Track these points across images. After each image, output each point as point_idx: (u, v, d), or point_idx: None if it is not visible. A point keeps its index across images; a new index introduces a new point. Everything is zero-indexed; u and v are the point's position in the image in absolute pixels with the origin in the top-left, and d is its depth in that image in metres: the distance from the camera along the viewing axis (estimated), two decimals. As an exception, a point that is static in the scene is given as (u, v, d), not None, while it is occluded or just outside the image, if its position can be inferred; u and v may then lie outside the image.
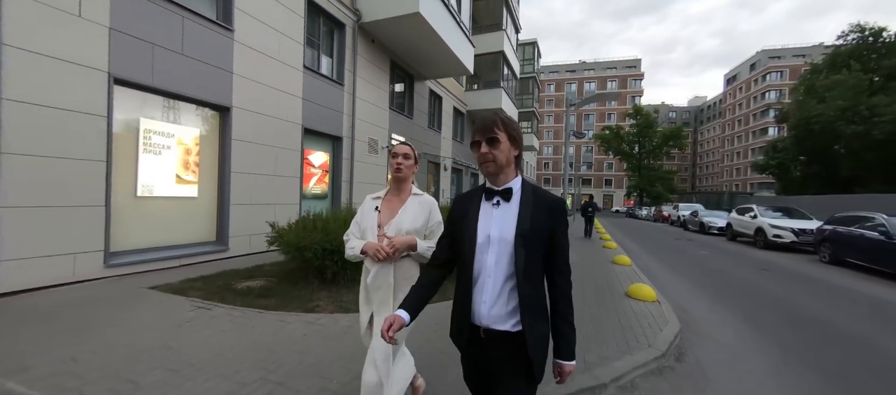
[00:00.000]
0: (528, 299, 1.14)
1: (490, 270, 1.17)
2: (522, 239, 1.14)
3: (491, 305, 1.16)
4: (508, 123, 1.21)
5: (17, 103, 3.67)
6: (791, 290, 5.89)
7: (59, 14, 3.94)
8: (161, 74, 4.92)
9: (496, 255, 1.16)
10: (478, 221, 1.21)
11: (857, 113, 14.20)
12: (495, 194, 1.22)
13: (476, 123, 1.25)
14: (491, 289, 1.16)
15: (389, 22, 8.81)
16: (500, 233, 1.17)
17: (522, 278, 1.14)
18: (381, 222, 1.74)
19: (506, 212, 1.19)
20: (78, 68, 4.11)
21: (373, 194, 1.87)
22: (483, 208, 1.23)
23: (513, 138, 1.20)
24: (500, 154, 1.17)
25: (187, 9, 5.25)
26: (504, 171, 1.20)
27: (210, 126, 5.83)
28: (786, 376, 2.86)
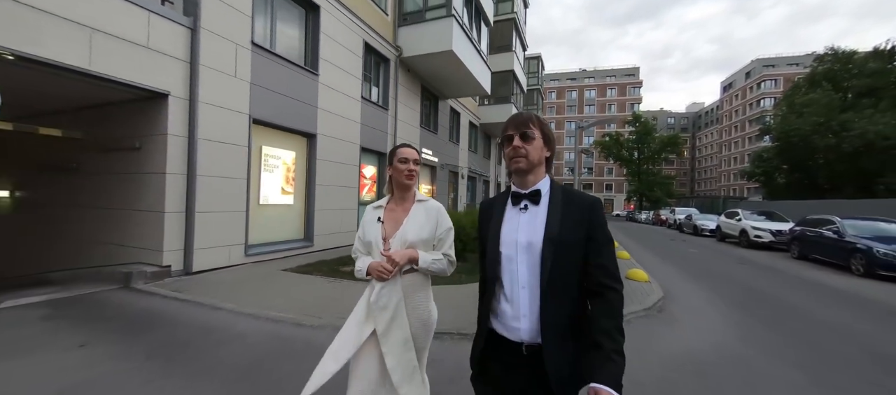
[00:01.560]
0: (552, 312, 1.04)
1: (524, 279, 1.08)
2: (551, 245, 1.05)
3: (531, 318, 1.07)
4: (543, 122, 1.17)
5: (204, 141, 5.33)
6: (757, 276, 7.50)
7: (225, 76, 5.62)
8: (276, 112, 6.59)
9: (528, 263, 1.08)
10: (501, 227, 1.15)
11: (829, 128, 15.98)
12: (522, 198, 1.14)
13: (508, 121, 1.17)
14: (528, 301, 1.07)
15: (425, 56, 10.51)
16: (528, 239, 1.09)
17: (546, 287, 1.04)
18: (385, 234, 1.60)
19: (534, 216, 1.11)
20: (233, 113, 5.78)
21: (374, 204, 1.72)
22: (509, 214, 1.16)
23: (547, 138, 1.15)
24: (533, 151, 1.12)
25: (290, 61, 6.93)
26: (534, 170, 1.13)
27: (302, 149, 7.49)
28: (730, 320, 4.46)
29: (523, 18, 22.50)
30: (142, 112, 5.14)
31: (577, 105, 71.31)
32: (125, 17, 4.48)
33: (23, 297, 4.06)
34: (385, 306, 1.52)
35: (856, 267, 7.97)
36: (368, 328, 1.54)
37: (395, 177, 1.62)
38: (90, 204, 5.85)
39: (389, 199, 1.70)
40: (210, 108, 5.38)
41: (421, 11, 10.53)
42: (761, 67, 61.88)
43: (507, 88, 18.93)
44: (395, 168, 1.62)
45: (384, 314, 1.52)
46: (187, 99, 5.14)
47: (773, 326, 4.29)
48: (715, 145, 73.13)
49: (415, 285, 1.58)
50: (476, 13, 12.41)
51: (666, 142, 44.35)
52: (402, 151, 1.63)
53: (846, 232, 8.64)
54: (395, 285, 1.53)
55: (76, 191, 6.04)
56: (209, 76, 5.37)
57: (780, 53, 63.84)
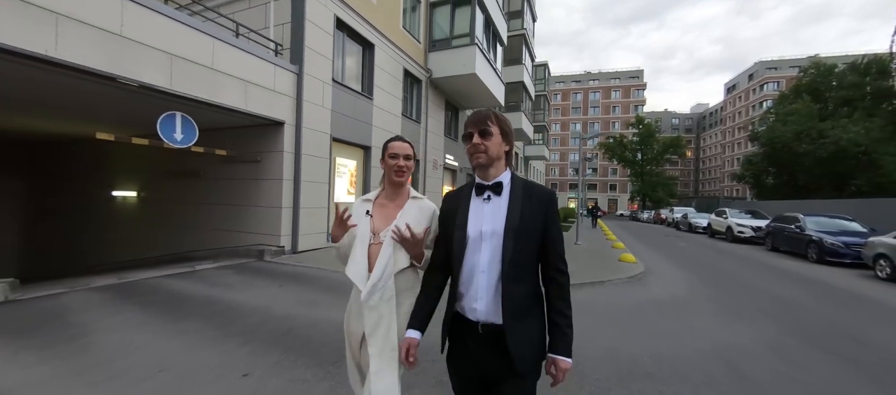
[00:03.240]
0: (514, 294, 1.13)
1: (484, 265, 1.16)
2: (513, 233, 1.13)
3: (487, 300, 1.14)
4: (501, 118, 1.23)
5: (306, 155, 7.25)
6: (727, 261, 9.27)
7: (317, 107, 7.54)
8: (345, 130, 8.49)
9: (490, 251, 1.16)
10: (468, 216, 1.21)
11: (808, 135, 17.65)
12: (486, 189, 1.21)
13: (468, 119, 1.23)
14: (486, 285, 1.15)
15: (451, 78, 12.38)
16: (491, 228, 1.16)
17: (508, 269, 1.12)
18: (375, 228, 1.43)
19: (497, 206, 1.18)
20: (321, 134, 7.70)
21: (363, 197, 1.56)
22: (473, 204, 1.22)
23: (504, 133, 1.22)
24: (492, 146, 1.18)
25: (354, 90, 8.84)
26: (494, 164, 1.21)
27: (360, 159, 9.40)
28: (688, 285, 6.27)
29: (532, 31, 24.28)
30: (263, 135, 7.07)
31: (581, 107, 72.80)
32: (263, 72, 6.42)
33: (204, 264, 5.99)
34: (375, 306, 1.35)
35: (810, 255, 9.73)
36: (356, 334, 1.42)
37: (390, 173, 1.47)
38: (216, 202, 7.79)
39: (379, 193, 1.55)
40: (309, 131, 7.30)
41: (448, 39, 12.40)
42: (764, 70, 62.98)
43: (517, 96, 20.78)
44: (386, 163, 1.48)
45: (373, 314, 1.35)
46: (295, 125, 7.07)
47: (717, 287, 6.12)
48: (718, 146, 74.25)
49: (407, 282, 1.42)
50: (493, 36, 14.25)
51: (668, 144, 45.80)
52: (392, 146, 1.48)
53: (806, 226, 10.37)
54: (389, 282, 1.37)
55: (202, 192, 7.98)
56: (308, 108, 7.29)
57: (782, 56, 64.79)
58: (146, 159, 8.68)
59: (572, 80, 77.61)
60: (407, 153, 1.48)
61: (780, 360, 3.16)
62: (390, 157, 1.47)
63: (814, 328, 4.10)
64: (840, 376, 2.92)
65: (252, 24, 7.26)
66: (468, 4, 12.08)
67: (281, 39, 7.33)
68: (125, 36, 4.54)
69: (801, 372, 2.94)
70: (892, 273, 7.32)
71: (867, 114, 17.65)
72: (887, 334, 3.99)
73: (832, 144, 16.59)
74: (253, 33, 6.98)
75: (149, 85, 4.81)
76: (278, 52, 7.18)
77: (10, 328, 3.18)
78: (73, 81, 4.53)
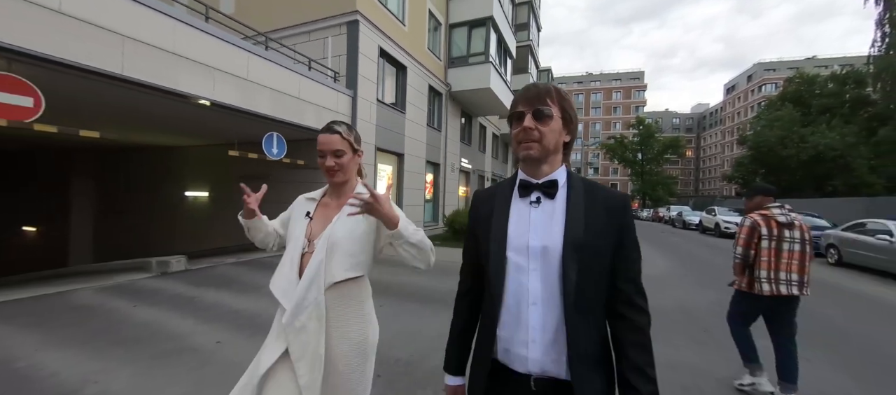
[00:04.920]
0: (580, 336, 0.82)
1: (536, 294, 0.84)
2: (575, 251, 0.82)
3: (545, 344, 0.83)
4: (564, 96, 0.89)
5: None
6: (711, 252, 10.86)
7: (367, 123, 9.18)
8: (385, 141, 10.12)
9: (542, 273, 0.84)
10: (508, 225, 0.89)
11: (790, 140, 19.23)
12: (534, 189, 0.89)
13: (520, 93, 0.91)
14: (541, 321, 0.84)
15: (468, 91, 13.98)
16: (542, 242, 0.85)
17: (572, 304, 0.81)
18: (310, 235, 1.22)
19: (549, 214, 0.87)
20: (369, 145, 9.33)
21: (307, 195, 1.37)
22: (516, 208, 0.91)
23: (568, 118, 0.90)
24: (550, 134, 0.86)
25: (391, 106, 10.48)
26: (549, 159, 0.89)
27: (395, 165, 11.04)
28: (667, 266, 7.87)
29: (537, 41, 25.82)
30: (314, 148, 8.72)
31: (583, 108, 74.19)
32: (330, 97, 8.06)
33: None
34: (302, 327, 1.11)
35: (780, 246, 11.31)
36: (273, 354, 1.13)
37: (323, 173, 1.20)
38: (277, 200, 9.42)
39: (326, 190, 1.34)
40: (364, 144, 8.93)
41: (465, 57, 14.01)
42: (762, 71, 64.21)
43: (524, 103, 22.36)
44: (319, 163, 1.22)
45: (300, 337, 1.11)
46: (350, 139, 8.72)
47: (692, 269, 7.74)
48: (718, 146, 75.50)
49: (345, 298, 1.17)
50: (504, 52, 15.84)
51: (668, 144, 47.23)
52: (318, 141, 1.23)
53: (779, 222, 11.95)
54: (319, 298, 1.12)
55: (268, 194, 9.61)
56: (360, 124, 8.93)
57: (781, 57, 66.04)
58: (218, 164, 10.34)
59: (574, 81, 78.98)
60: (335, 148, 1.21)
61: (720, 309, 4.78)
62: (318, 155, 1.24)
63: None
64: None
65: (311, 54, 8.89)
66: (483, 26, 13.68)
67: (337, 68, 8.96)
68: (251, 80, 6.20)
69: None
70: (839, 259, 8.92)
71: (845, 121, 19.25)
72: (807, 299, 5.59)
73: (812, 148, 18.21)
74: (317, 64, 8.61)
75: (265, 115, 6.46)
76: (336, 79, 8.81)
77: (211, 283, 4.84)
78: (214, 114, 6.18)
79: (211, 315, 3.73)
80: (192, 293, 4.39)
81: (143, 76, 4.74)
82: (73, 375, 2.43)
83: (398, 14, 10.66)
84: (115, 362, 2.64)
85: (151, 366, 2.60)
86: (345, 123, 1.29)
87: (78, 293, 4.18)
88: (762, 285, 2.54)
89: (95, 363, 2.60)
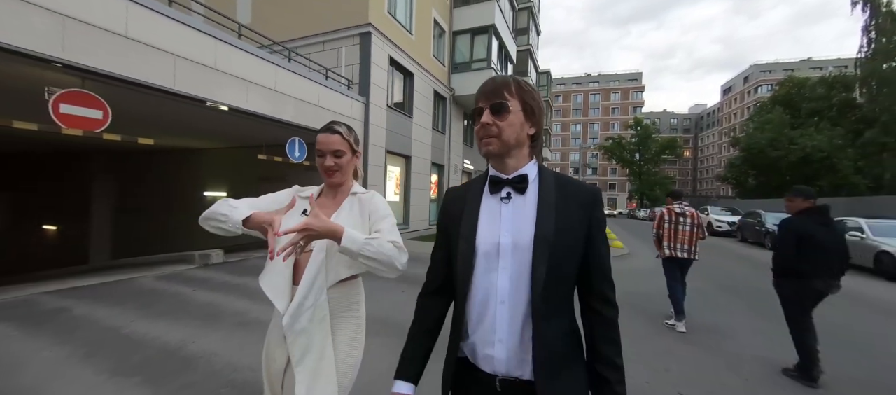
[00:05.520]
0: (548, 336, 0.81)
1: (504, 292, 0.83)
2: (545, 245, 0.80)
3: (511, 344, 0.82)
4: (524, 87, 0.87)
5: (371, 166, 9.51)
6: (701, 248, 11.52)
7: (378, 128, 9.81)
8: (394, 144, 10.75)
9: (511, 271, 0.83)
10: (478, 222, 0.88)
11: (780, 143, 20.01)
12: (504, 185, 0.88)
13: (479, 89, 0.90)
14: (508, 320, 0.82)
15: (471, 95, 14.58)
16: (513, 238, 0.83)
17: (540, 301, 0.80)
18: None
19: (520, 209, 0.86)
20: (380, 148, 9.97)
21: (302, 191, 1.30)
22: (486, 205, 0.89)
23: (529, 109, 0.86)
24: (508, 128, 0.84)
25: (399, 111, 11.11)
26: (513, 153, 0.87)
27: (403, 166, 11.67)
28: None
29: (536, 45, 26.48)
30: (340, 150, 9.36)
31: (582, 109, 74.93)
32: (345, 104, 8.69)
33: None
34: (302, 330, 1.08)
35: (766, 243, 11.98)
36: (279, 363, 1.13)
37: (321, 173, 1.21)
38: (296, 200, 10.08)
39: (322, 189, 1.30)
40: (372, 146, 9.58)
41: (468, 63, 14.65)
42: (758, 72, 64.99)
43: (524, 106, 23.02)
44: (318, 163, 1.21)
45: (300, 340, 1.09)
46: (362, 142, 9.33)
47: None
48: (715, 146, 76.32)
49: (346, 298, 1.17)
50: (505, 57, 16.48)
51: (665, 145, 48.03)
52: (318, 140, 1.20)
53: (765, 221, 12.62)
54: (321, 299, 1.11)
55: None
56: (372, 129, 9.56)
57: (777, 59, 66.87)
58: (236, 166, 10.97)
59: (573, 82, 79.70)
60: (335, 149, 1.18)
61: (697, 293, 5.44)
62: (318, 154, 1.20)
63: (734, 284, 6.38)
64: (727, 299, 5.21)
65: (325, 63, 9.51)
66: (486, 33, 14.33)
67: (350, 76, 9.59)
68: (278, 90, 6.83)
69: (704, 297, 5.23)
70: (818, 255, 9.58)
71: (832, 123, 20.04)
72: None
73: (800, 150, 19.00)
74: (333, 73, 9.24)
75: (289, 122, 7.09)
76: (350, 86, 9.45)
77: (249, 273, 5.47)
78: (244, 120, 6.80)
79: (261, 297, 4.35)
80: (237, 281, 5.01)
81: (190, 90, 5.37)
82: (173, 338, 3.06)
83: (406, 23, 11.29)
84: (200, 330, 3.27)
85: (232, 332, 3.23)
86: (345, 124, 1.26)
87: (140, 280, 4.80)
88: (665, 250, 4.11)
89: (185, 331, 3.23)
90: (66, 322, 3.36)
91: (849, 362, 3.23)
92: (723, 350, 3.38)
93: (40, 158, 13.27)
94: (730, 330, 3.99)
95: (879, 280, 7.30)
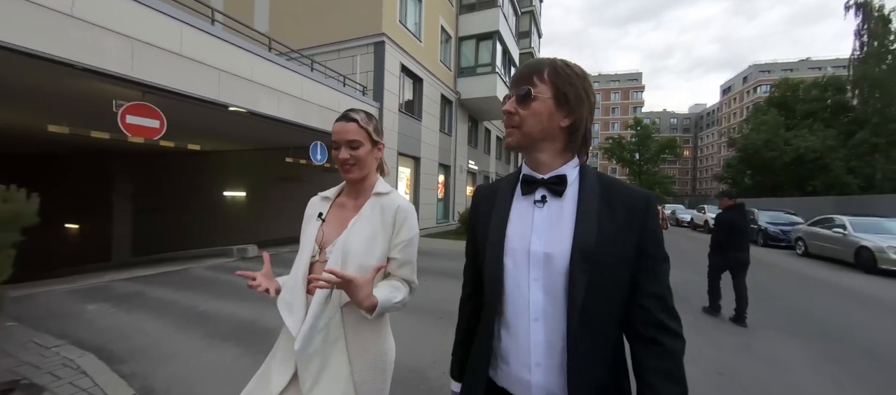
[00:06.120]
0: (586, 363, 0.71)
1: (538, 308, 0.74)
2: (585, 260, 0.70)
3: (551, 367, 0.73)
4: (561, 72, 0.75)
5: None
6: (695, 244, 12.13)
7: (391, 132, 10.41)
8: (404, 146, 11.36)
9: (544, 284, 0.73)
10: (507, 225, 0.79)
11: (775, 144, 20.66)
12: (539, 186, 0.78)
13: (516, 71, 0.81)
14: (545, 341, 0.73)
15: (476, 99, 15.23)
16: (546, 248, 0.74)
17: (578, 322, 0.70)
18: (322, 241, 1.09)
19: (556, 215, 0.75)
20: (392, 151, 10.57)
21: (322, 194, 1.21)
22: (517, 208, 0.80)
23: (563, 97, 0.75)
24: (531, 118, 0.75)
25: (409, 114, 11.71)
26: (541, 147, 0.77)
27: (412, 168, 12.28)
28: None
29: (538, 47, 27.06)
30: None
31: (582, 108, 75.46)
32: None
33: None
34: (315, 353, 0.98)
35: (758, 240, 12.59)
36: (282, 380, 1.01)
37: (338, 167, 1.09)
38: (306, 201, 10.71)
39: (342, 188, 1.20)
40: (387, 149, 10.16)
41: (473, 67, 15.25)
42: (757, 72, 65.55)
43: (526, 107, 23.64)
44: (334, 156, 1.10)
45: (313, 364, 0.98)
46: (378, 145, 9.95)
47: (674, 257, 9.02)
48: (715, 146, 76.85)
49: (363, 318, 0.99)
50: (509, 61, 17.08)
51: (664, 144, 48.56)
52: (333, 130, 1.09)
53: (758, 218, 13.22)
54: (335, 318, 1.00)
55: (301, 193, 10.85)
56: (386, 133, 10.16)
57: (776, 59, 67.42)
58: (257, 167, 11.58)
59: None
60: (350, 139, 1.05)
61: (683, 284, 6.04)
62: (333, 146, 1.09)
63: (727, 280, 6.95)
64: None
65: (340, 70, 10.10)
66: (490, 39, 14.92)
67: (364, 82, 10.19)
68: (304, 98, 7.44)
69: (688, 285, 5.84)
70: (805, 251, 10.19)
71: (826, 125, 20.68)
72: (761, 278, 6.86)
73: (793, 151, 19.64)
74: (349, 80, 9.84)
75: (313, 127, 7.70)
76: (364, 92, 10.04)
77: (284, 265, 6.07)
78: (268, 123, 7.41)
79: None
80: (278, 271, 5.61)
81: (231, 100, 5.98)
82: (245, 315, 3.66)
83: (415, 31, 11.89)
84: (264, 310, 3.85)
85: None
86: (364, 111, 1.13)
87: (193, 270, 5.40)
88: None
89: (252, 310, 3.82)
90: (148, 303, 3.97)
91: (778, 318, 4.18)
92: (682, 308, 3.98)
93: (65, 159, 13.88)
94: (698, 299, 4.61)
95: (859, 273, 7.90)
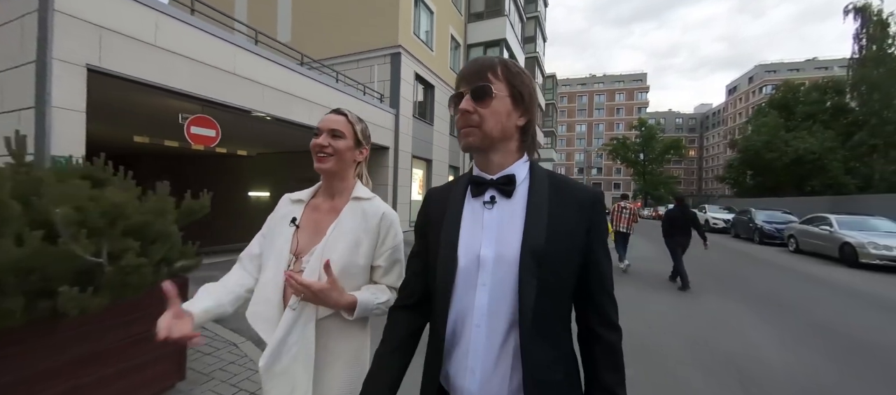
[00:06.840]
0: (538, 361, 0.69)
1: (481, 313, 0.71)
2: (536, 258, 0.68)
3: (485, 373, 0.71)
4: (512, 69, 0.74)
5: (399, 168, 10.89)
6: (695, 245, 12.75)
7: (406, 135, 11.19)
8: (418, 149, 12.14)
9: (491, 288, 0.71)
10: (459, 230, 0.75)
11: (775, 145, 21.20)
12: (488, 187, 0.75)
13: (460, 71, 0.76)
14: (484, 346, 0.71)
15: (484, 103, 15.96)
16: (496, 250, 0.71)
17: (530, 325, 0.68)
18: (297, 250, 0.97)
19: (507, 215, 0.73)
20: (407, 154, 11.36)
21: (293, 195, 1.08)
22: (469, 210, 0.77)
23: (518, 95, 0.73)
24: (492, 116, 0.71)
25: (422, 119, 12.49)
26: (497, 147, 0.74)
27: (425, 169, 13.06)
28: (651, 253, 9.80)
29: (543, 51, 27.73)
30: (375, 155, 10.74)
31: (586, 109, 75.85)
32: (380, 116, 10.09)
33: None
34: (284, 371, 0.90)
35: (755, 238, 13.17)
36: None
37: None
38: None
39: (317, 189, 1.09)
40: (401, 152, 10.96)
41: (481, 73, 15.99)
42: (763, 73, 65.46)
43: (531, 110, 24.33)
44: (312, 146, 1.01)
45: (283, 382, 0.90)
46: (393, 149, 10.73)
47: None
48: (720, 146, 76.74)
49: (341, 330, 0.95)
50: (514, 67, 17.79)
51: (669, 145, 48.89)
52: (320, 121, 1.03)
53: (755, 217, 13.81)
54: (306, 331, 0.91)
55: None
56: (401, 137, 10.94)
57: (781, 59, 67.33)
58: (278, 168, 12.43)
59: (578, 83, 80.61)
60: (333, 128, 0.99)
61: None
62: (313, 135, 1.00)
63: (717, 273, 7.65)
64: (700, 278, 6.52)
65: (358, 78, 10.89)
66: (497, 46, 15.65)
67: (381, 90, 10.98)
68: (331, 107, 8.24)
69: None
70: (797, 247, 10.79)
71: (825, 126, 21.17)
72: (751, 272, 7.53)
73: (793, 152, 20.18)
74: (369, 89, 10.64)
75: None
76: (382, 99, 10.84)
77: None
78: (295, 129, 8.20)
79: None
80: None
81: (274, 112, 6.79)
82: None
83: (427, 41, 12.67)
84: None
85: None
86: (355, 114, 1.09)
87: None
88: (610, 226, 6.20)
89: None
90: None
91: (750, 298, 4.60)
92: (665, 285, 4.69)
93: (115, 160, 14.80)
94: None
95: (842, 267, 8.51)
